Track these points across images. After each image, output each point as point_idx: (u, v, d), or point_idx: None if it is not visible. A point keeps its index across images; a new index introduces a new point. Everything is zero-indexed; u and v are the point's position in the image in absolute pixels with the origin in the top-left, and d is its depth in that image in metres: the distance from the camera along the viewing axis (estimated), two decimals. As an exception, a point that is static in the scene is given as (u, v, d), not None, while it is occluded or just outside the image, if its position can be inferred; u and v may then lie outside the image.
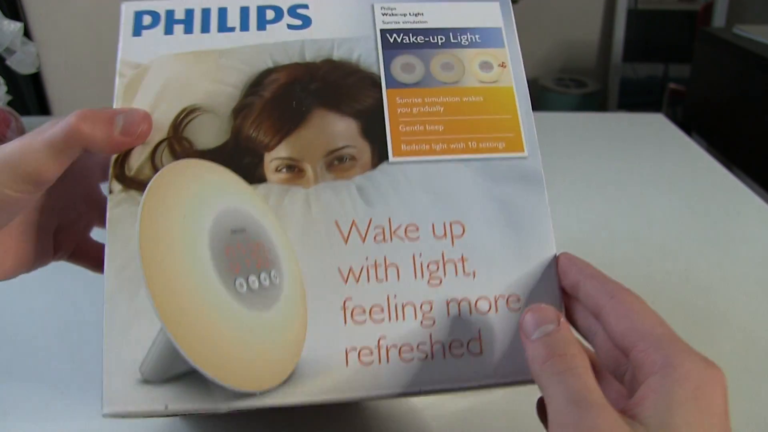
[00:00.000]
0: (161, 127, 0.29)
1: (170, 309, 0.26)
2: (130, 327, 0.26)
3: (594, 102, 2.11)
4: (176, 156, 0.28)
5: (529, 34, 2.21)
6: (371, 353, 0.27)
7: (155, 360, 0.26)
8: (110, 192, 0.28)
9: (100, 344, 0.26)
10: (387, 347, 0.27)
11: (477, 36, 0.32)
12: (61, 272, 0.36)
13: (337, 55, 0.31)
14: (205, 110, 0.29)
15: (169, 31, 0.31)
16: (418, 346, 0.27)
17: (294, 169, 0.29)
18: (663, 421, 0.21)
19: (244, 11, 0.31)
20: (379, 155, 0.29)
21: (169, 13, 0.31)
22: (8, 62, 0.73)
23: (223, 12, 0.31)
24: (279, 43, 0.31)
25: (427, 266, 0.28)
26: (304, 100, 0.30)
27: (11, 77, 0.83)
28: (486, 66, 0.31)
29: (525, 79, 0.31)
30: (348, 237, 0.28)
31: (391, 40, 0.31)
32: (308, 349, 0.27)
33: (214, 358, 0.26)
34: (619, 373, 0.26)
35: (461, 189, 0.29)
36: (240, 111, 0.30)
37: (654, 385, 0.22)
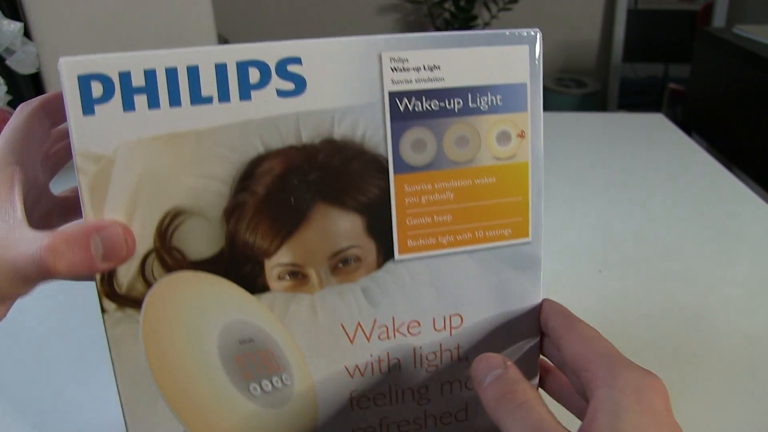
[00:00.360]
0: (146, 236, 0.25)
1: (191, 416, 0.28)
2: None
3: (594, 102, 2.11)
4: (168, 268, 0.26)
5: (529, 34, 2.21)
6: (375, 431, 0.30)
7: None
8: (104, 311, 0.25)
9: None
10: (388, 425, 0.30)
11: (499, 97, 0.27)
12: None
13: (338, 132, 0.26)
14: (192, 213, 0.25)
15: (128, 105, 0.24)
16: (414, 421, 0.31)
17: (297, 276, 0.27)
18: (613, 429, 0.22)
19: (221, 72, 0.24)
20: (385, 254, 0.28)
21: (124, 78, 0.23)
22: (8, 62, 0.73)
23: (194, 73, 0.24)
24: (269, 119, 0.25)
25: (426, 357, 0.30)
26: (303, 194, 0.26)
27: (11, 77, 0.83)
28: (504, 138, 0.28)
29: (542, 148, 0.28)
30: (354, 338, 0.29)
31: (402, 108, 0.26)
32: None
33: None
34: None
35: (463, 281, 0.29)
36: (232, 212, 0.26)
37: (601, 397, 0.24)
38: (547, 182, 0.30)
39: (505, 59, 0.26)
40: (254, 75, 0.24)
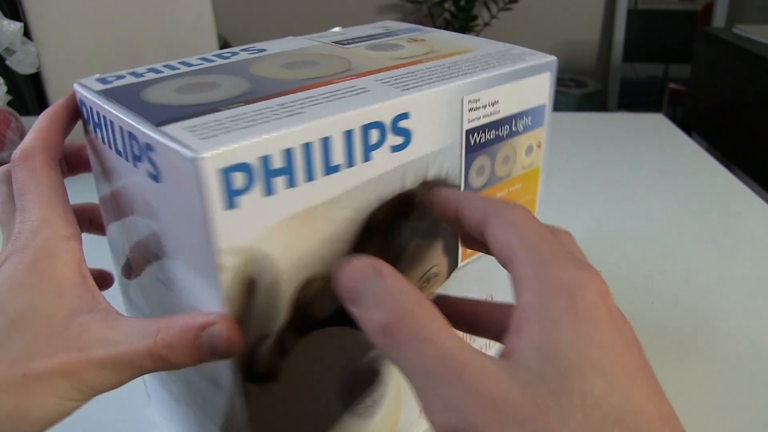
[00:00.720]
0: (281, 312, 0.25)
1: None
2: None
3: (594, 102, 2.11)
4: (301, 334, 0.26)
5: (529, 34, 2.21)
6: None
7: None
8: (246, 393, 0.25)
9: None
10: None
11: (529, 119, 0.30)
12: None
13: (431, 173, 0.27)
14: (320, 278, 0.25)
15: (269, 190, 0.22)
16: None
17: None
18: (545, 353, 0.17)
19: (348, 138, 0.24)
20: (452, 265, 0.31)
21: (265, 162, 0.21)
22: (8, 62, 0.73)
23: (326, 144, 0.23)
24: (384, 175, 0.26)
25: None
26: (405, 234, 0.28)
27: (11, 77, 0.83)
28: (529, 150, 0.32)
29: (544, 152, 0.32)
30: None
31: (473, 142, 0.29)
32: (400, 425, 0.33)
33: None
34: None
35: (492, 270, 0.33)
36: None
37: (526, 306, 0.19)
38: (548, 182, 0.30)
39: (535, 86, 0.30)
40: (374, 136, 0.25)
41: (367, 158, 0.25)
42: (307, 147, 0.23)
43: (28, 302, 0.23)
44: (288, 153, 0.22)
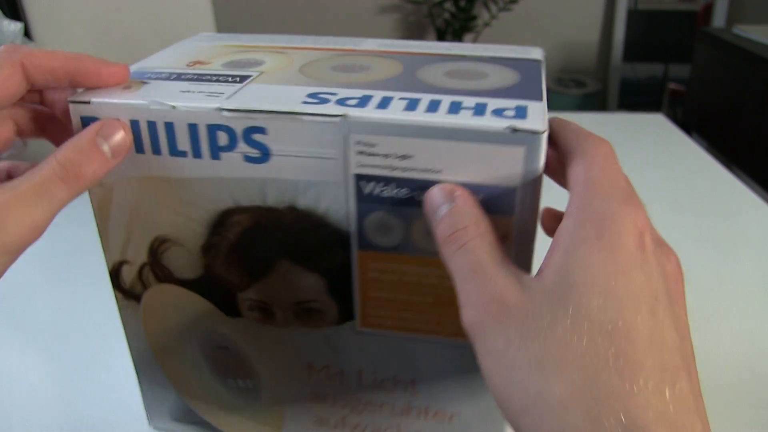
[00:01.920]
0: (141, 251, 0.29)
1: (181, 385, 0.34)
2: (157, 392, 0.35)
3: (594, 102, 2.11)
4: (159, 279, 0.30)
5: (529, 34, 2.21)
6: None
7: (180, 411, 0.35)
8: (116, 298, 0.31)
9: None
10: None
11: (480, 196, 0.23)
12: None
13: (302, 202, 0.26)
14: (175, 242, 0.29)
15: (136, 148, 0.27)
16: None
17: (265, 311, 0.30)
18: (559, 270, 0.19)
19: (193, 131, 0.25)
20: (345, 314, 0.28)
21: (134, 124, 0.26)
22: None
23: (170, 129, 0.26)
24: (237, 180, 0.26)
25: (392, 408, 0.31)
26: (269, 249, 0.28)
27: (11, 77, 0.83)
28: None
29: (533, 254, 0.25)
30: (320, 374, 0.31)
31: (366, 191, 0.25)
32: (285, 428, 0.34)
33: (220, 420, 0.35)
34: None
35: (423, 359, 0.29)
36: (208, 250, 0.29)
37: (561, 230, 0.20)
38: (547, 182, 0.30)
39: (493, 158, 0.23)
40: (222, 138, 0.25)
41: (215, 156, 0.26)
42: (152, 125, 0.26)
43: None
44: (135, 124, 0.26)
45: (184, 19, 1.03)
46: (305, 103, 0.24)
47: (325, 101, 0.24)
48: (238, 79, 0.28)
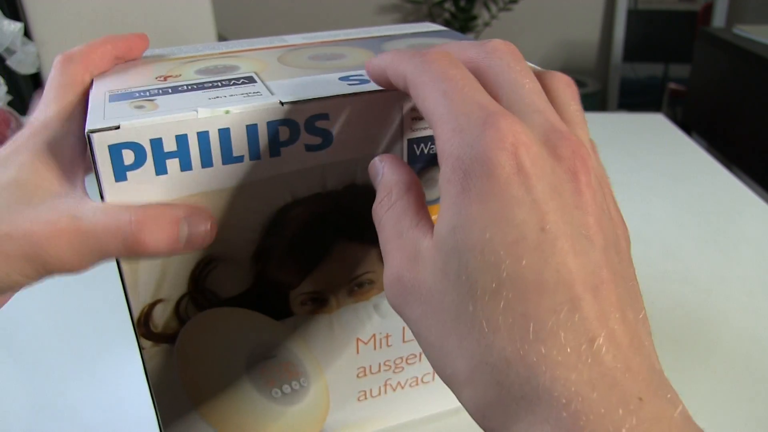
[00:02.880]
0: (180, 282, 0.27)
1: (221, 420, 0.32)
2: None
3: (594, 102, 2.11)
4: (201, 307, 0.28)
5: (529, 34, 2.21)
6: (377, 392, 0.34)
7: None
8: (142, 348, 0.28)
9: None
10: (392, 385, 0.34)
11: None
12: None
13: (360, 179, 0.27)
14: (222, 259, 0.27)
15: (161, 170, 0.23)
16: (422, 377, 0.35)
17: (318, 301, 0.30)
18: (440, 234, 0.19)
19: (252, 132, 0.24)
20: None
21: (156, 144, 0.23)
22: (8, 62, 0.73)
23: (225, 135, 0.24)
24: (297, 172, 0.26)
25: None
26: (327, 235, 0.28)
27: (11, 77, 0.83)
28: None
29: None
30: (367, 345, 0.32)
31: (418, 152, 0.27)
32: (330, 421, 0.34)
33: None
34: None
35: None
36: (260, 255, 0.27)
37: (440, 183, 0.20)
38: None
39: None
40: (284, 133, 0.25)
41: (275, 154, 0.25)
42: (203, 136, 0.23)
43: (13, 174, 0.23)
44: (183, 139, 0.23)
45: (185, 19, 1.03)
46: (350, 84, 0.26)
47: (365, 80, 0.26)
48: (242, 80, 0.27)
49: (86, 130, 0.22)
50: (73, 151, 0.25)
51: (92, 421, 0.37)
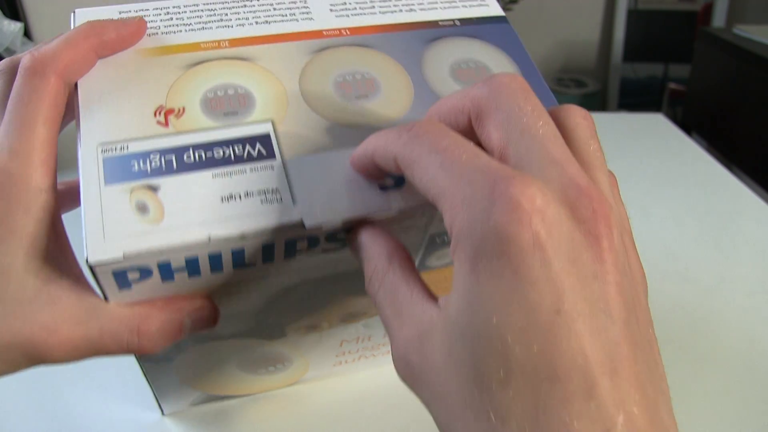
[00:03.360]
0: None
1: (208, 389, 0.35)
2: None
3: (594, 102, 2.11)
4: (200, 341, 0.29)
5: (529, 34, 2.21)
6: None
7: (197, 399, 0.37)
8: (142, 365, 0.29)
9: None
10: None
11: None
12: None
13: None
14: (226, 317, 0.26)
15: (168, 278, 0.22)
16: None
17: (312, 327, 0.31)
18: (450, 317, 0.17)
19: (268, 248, 0.22)
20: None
21: (164, 265, 0.21)
22: (8, 62, 0.73)
23: (239, 254, 0.22)
24: (309, 267, 0.24)
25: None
26: (329, 292, 0.28)
27: (11, 77, 0.83)
28: None
29: None
30: (350, 343, 0.34)
31: (438, 241, 0.26)
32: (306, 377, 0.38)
33: (242, 391, 0.37)
34: None
35: None
36: (262, 313, 0.28)
37: (454, 258, 0.18)
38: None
39: None
40: (302, 244, 0.23)
41: (290, 256, 0.23)
42: (214, 257, 0.21)
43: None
44: (193, 263, 0.21)
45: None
46: (383, 191, 0.22)
47: (390, 186, 0.22)
48: (262, 152, 0.23)
49: (87, 261, 0.20)
50: (51, 208, 0.22)
51: (92, 421, 0.37)
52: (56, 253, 0.21)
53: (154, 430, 0.36)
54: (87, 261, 0.20)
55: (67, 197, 0.28)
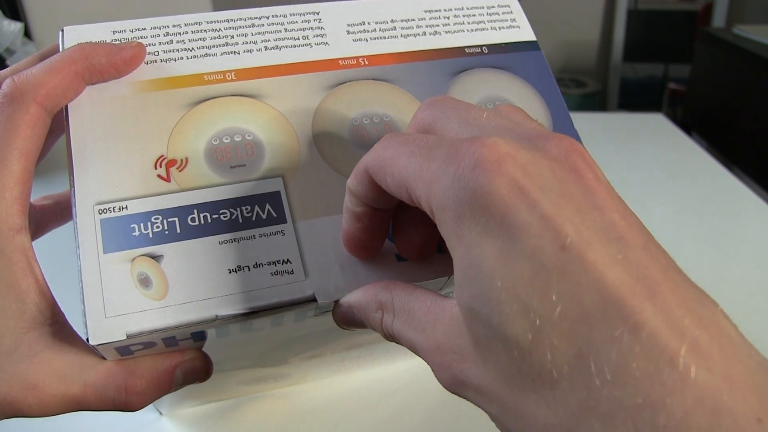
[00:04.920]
0: None
1: (206, 399, 0.36)
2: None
3: (594, 102, 2.11)
4: None
5: (529, 34, 2.21)
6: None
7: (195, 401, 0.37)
8: None
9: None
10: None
11: None
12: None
13: None
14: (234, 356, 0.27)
15: (171, 345, 0.21)
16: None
17: (315, 356, 0.30)
18: (460, 293, 0.16)
19: (277, 318, 0.21)
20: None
21: (169, 339, 0.20)
22: (8, 62, 0.73)
23: (247, 325, 0.21)
24: (317, 327, 0.23)
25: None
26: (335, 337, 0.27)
27: (11, 77, 0.83)
28: None
29: None
30: (351, 360, 0.34)
31: None
32: None
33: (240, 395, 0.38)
34: None
35: None
36: (264, 354, 0.27)
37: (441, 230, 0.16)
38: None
39: None
40: (311, 311, 0.21)
41: (300, 321, 0.22)
42: (222, 329, 0.20)
43: None
44: (198, 333, 0.20)
45: (184, 19, 1.03)
46: (392, 265, 0.21)
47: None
48: (272, 214, 0.21)
49: (89, 342, 0.18)
50: (26, 249, 0.20)
51: (90, 419, 0.37)
52: (35, 299, 0.20)
53: (152, 429, 0.36)
54: (88, 341, 0.18)
55: (55, 212, 0.27)
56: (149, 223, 0.20)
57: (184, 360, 0.21)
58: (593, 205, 0.15)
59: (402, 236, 0.21)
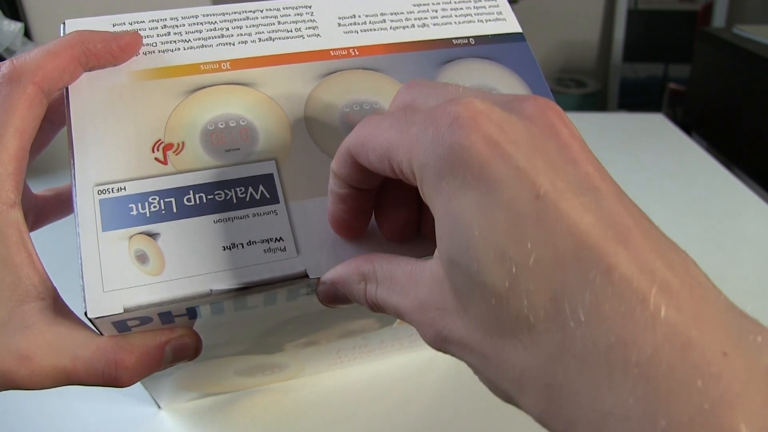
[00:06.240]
0: None
1: (203, 391, 0.36)
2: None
3: (594, 102, 2.11)
4: (199, 359, 0.27)
5: (529, 34, 2.21)
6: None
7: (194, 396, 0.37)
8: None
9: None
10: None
11: None
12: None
13: None
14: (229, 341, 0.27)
15: (167, 321, 0.22)
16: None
17: (310, 343, 0.30)
18: (440, 252, 0.16)
19: (270, 295, 0.21)
20: (385, 324, 0.30)
21: (165, 314, 0.20)
22: (8, 62, 0.73)
23: (241, 301, 0.21)
24: (311, 307, 0.23)
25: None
26: (331, 322, 0.28)
27: (11, 77, 0.83)
28: None
29: None
30: (346, 351, 0.34)
31: None
32: None
33: (237, 389, 0.38)
34: None
35: None
36: (258, 339, 0.27)
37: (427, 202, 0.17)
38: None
39: None
40: (304, 289, 0.22)
41: (293, 299, 0.22)
42: (216, 305, 0.21)
43: None
44: (192, 309, 0.20)
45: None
46: (382, 242, 0.22)
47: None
48: (265, 195, 0.22)
49: (87, 315, 0.19)
50: (20, 224, 0.20)
51: (88, 414, 0.37)
52: (29, 272, 0.20)
53: (151, 423, 0.36)
54: (86, 314, 0.19)
55: (56, 205, 0.27)
56: (147, 203, 0.21)
57: (174, 337, 0.21)
58: (567, 159, 0.16)
59: (384, 216, 0.21)
